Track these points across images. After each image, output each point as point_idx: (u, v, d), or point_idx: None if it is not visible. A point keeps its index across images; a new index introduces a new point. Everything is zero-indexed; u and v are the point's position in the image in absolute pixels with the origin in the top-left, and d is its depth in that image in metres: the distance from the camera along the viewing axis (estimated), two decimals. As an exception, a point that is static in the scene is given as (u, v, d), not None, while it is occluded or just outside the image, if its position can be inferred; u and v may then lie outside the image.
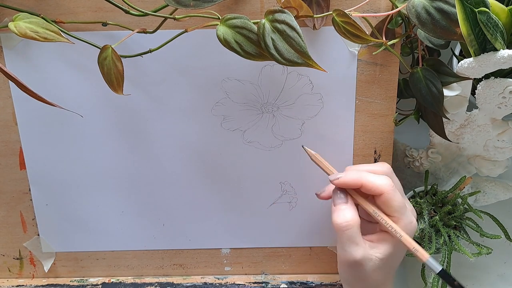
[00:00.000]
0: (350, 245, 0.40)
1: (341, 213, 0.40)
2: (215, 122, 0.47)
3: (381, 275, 0.41)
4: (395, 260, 0.43)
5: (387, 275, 0.43)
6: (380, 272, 0.41)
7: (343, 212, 0.40)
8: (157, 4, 0.42)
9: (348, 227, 0.39)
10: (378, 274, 0.41)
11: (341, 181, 0.41)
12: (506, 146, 0.48)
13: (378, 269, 0.41)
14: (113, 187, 0.49)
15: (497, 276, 0.58)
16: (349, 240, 0.40)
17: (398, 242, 0.40)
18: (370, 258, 0.40)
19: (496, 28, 0.38)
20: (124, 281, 0.53)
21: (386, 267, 0.41)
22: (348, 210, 0.40)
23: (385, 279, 0.42)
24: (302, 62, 0.38)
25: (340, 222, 0.40)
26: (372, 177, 0.40)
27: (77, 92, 0.46)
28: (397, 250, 0.41)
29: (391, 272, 0.43)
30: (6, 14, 0.43)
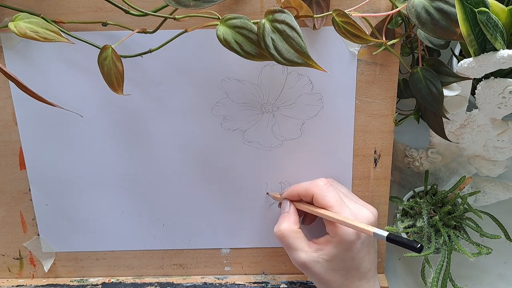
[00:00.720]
0: (291, 251, 0.44)
1: (278, 223, 0.46)
2: (215, 122, 0.47)
3: (336, 275, 0.43)
4: (346, 260, 0.43)
5: (344, 276, 0.43)
6: (333, 273, 0.43)
7: (280, 222, 0.45)
8: (157, 4, 0.42)
9: (281, 235, 0.44)
10: (332, 275, 0.43)
11: (284, 194, 0.47)
12: (506, 146, 0.48)
13: (329, 270, 0.43)
14: (113, 187, 0.49)
15: (497, 276, 0.58)
16: (287, 246, 0.45)
17: (340, 242, 0.42)
18: (316, 261, 0.43)
19: (496, 28, 0.38)
20: (124, 281, 0.53)
21: (337, 268, 0.43)
22: (285, 220, 0.45)
23: (344, 279, 0.44)
24: (302, 62, 0.38)
25: (275, 231, 0.45)
26: (304, 184, 0.45)
27: (77, 92, 0.46)
28: (343, 250, 0.42)
29: (349, 273, 0.44)
30: (6, 14, 0.43)
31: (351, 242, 0.42)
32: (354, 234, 0.42)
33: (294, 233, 0.44)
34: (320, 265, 0.43)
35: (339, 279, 0.43)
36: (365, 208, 0.44)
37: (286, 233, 0.44)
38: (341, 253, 0.43)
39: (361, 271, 0.44)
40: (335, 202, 0.43)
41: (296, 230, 0.44)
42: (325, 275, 0.43)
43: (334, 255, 0.43)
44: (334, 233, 0.42)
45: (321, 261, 0.43)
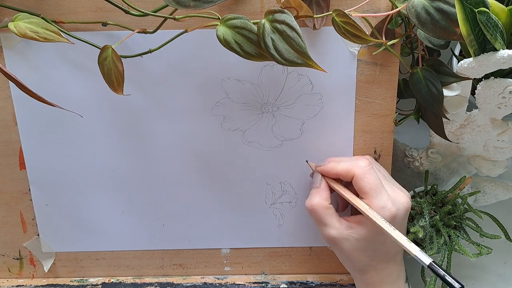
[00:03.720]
0: (321, 226, 0.44)
1: (310, 197, 0.45)
2: (215, 122, 0.47)
3: (363, 256, 0.43)
4: (378, 244, 0.43)
5: (371, 257, 0.43)
6: (361, 253, 0.43)
7: (312, 196, 0.45)
8: (157, 4, 0.42)
9: (312, 210, 0.44)
10: (360, 254, 0.43)
11: (320, 169, 0.46)
12: (506, 146, 0.48)
13: (357, 250, 0.43)
14: (113, 187, 0.49)
15: (497, 276, 0.58)
16: (318, 221, 0.44)
17: (374, 225, 0.41)
18: (346, 238, 0.43)
19: (496, 28, 0.38)
20: (124, 281, 0.53)
21: (366, 248, 0.43)
22: (316, 194, 0.44)
23: (371, 261, 0.43)
24: (302, 62, 0.38)
25: (306, 205, 0.45)
26: (345, 163, 0.44)
27: (77, 92, 0.46)
28: (374, 233, 0.42)
29: (378, 258, 0.43)
30: (6, 14, 0.43)
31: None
32: (388, 220, 0.41)
33: (325, 209, 0.43)
34: (350, 243, 0.43)
35: (367, 259, 0.43)
36: (402, 193, 0.44)
37: (316, 208, 0.44)
38: (373, 235, 0.42)
39: (391, 254, 0.44)
40: (374, 185, 0.42)
41: (327, 206, 0.44)
42: (352, 253, 0.43)
43: (365, 236, 0.42)
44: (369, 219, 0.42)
45: (351, 239, 0.43)
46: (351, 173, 0.43)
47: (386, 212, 0.41)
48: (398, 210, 0.42)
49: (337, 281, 0.52)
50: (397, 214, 0.42)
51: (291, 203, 0.50)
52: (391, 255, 0.44)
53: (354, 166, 0.43)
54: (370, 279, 0.44)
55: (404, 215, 0.43)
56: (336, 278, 0.52)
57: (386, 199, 0.42)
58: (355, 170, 0.42)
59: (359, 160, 0.43)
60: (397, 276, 0.45)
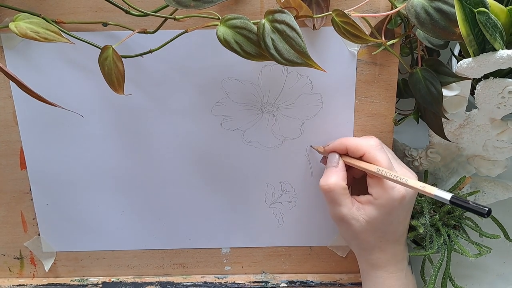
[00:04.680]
0: (334, 205, 0.44)
1: (326, 176, 0.44)
2: (215, 122, 0.47)
3: (371, 236, 0.43)
4: (385, 223, 0.43)
5: (380, 240, 0.44)
6: (369, 233, 0.43)
7: (328, 175, 0.44)
8: (157, 4, 0.42)
9: (328, 190, 0.43)
10: (368, 235, 0.43)
11: (330, 147, 0.45)
12: (505, 146, 0.48)
13: (366, 230, 0.43)
14: (113, 187, 0.50)
15: (496, 275, 0.58)
16: (331, 201, 0.44)
17: (383, 205, 0.42)
18: (356, 219, 0.43)
19: (495, 28, 0.38)
20: (124, 281, 0.53)
21: (375, 229, 0.43)
22: (333, 174, 0.44)
23: (378, 242, 0.44)
24: (302, 62, 0.38)
25: (322, 184, 0.44)
26: (356, 139, 0.44)
27: (78, 92, 0.46)
28: (383, 213, 0.42)
29: (385, 238, 0.44)
30: (6, 14, 0.43)
31: (393, 206, 0.42)
32: (398, 199, 0.41)
33: (342, 189, 0.43)
34: (359, 223, 0.43)
35: (374, 240, 0.44)
36: (410, 173, 0.44)
37: (334, 188, 0.43)
38: (381, 215, 0.42)
39: (397, 235, 0.44)
40: (385, 164, 0.42)
41: (344, 187, 0.43)
42: (361, 233, 0.43)
43: (374, 217, 0.42)
44: (378, 195, 0.42)
45: (361, 220, 0.43)
46: (362, 151, 0.43)
47: (395, 192, 0.41)
48: (407, 191, 0.42)
49: (337, 281, 0.52)
50: (406, 194, 0.42)
51: (291, 203, 0.50)
52: (397, 236, 0.44)
53: (365, 144, 0.43)
54: (376, 259, 0.45)
55: (412, 195, 0.43)
56: (336, 277, 0.53)
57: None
58: (366, 148, 0.42)
59: (370, 139, 0.43)
60: (402, 257, 0.45)
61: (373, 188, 0.43)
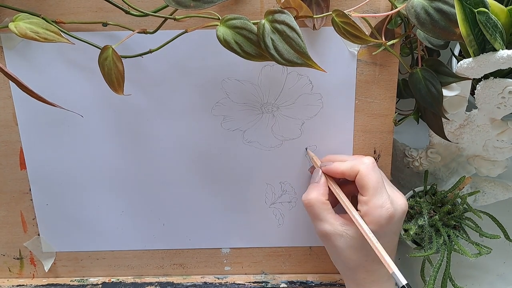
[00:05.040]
0: (316, 221, 0.44)
1: (307, 192, 0.45)
2: (215, 122, 0.47)
3: (356, 254, 0.43)
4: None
5: (364, 257, 0.43)
6: (354, 251, 0.43)
7: (309, 191, 0.45)
8: (157, 5, 0.42)
9: (309, 204, 0.44)
10: (353, 253, 0.43)
11: (326, 168, 0.45)
12: (506, 146, 0.48)
13: (351, 248, 0.43)
14: (113, 187, 0.50)
15: (496, 276, 0.58)
16: (313, 216, 0.45)
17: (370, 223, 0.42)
18: (340, 235, 0.43)
19: (495, 28, 0.38)
20: (124, 281, 0.53)
21: (359, 247, 0.43)
22: (314, 189, 0.45)
23: (363, 260, 0.43)
24: (302, 63, 0.38)
25: (303, 199, 0.45)
26: (349, 161, 0.44)
27: (78, 92, 0.46)
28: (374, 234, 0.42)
29: (370, 255, 0.43)
30: (6, 14, 0.43)
31: (380, 225, 0.41)
32: (386, 218, 0.41)
33: (322, 204, 0.44)
34: (344, 239, 0.43)
35: (359, 259, 0.43)
36: (400, 195, 0.44)
37: (313, 203, 0.44)
38: None
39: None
40: (376, 183, 0.42)
41: (324, 201, 0.44)
42: (345, 250, 0.43)
43: (359, 234, 0.42)
44: (366, 213, 0.42)
45: (345, 236, 0.43)
46: (356, 169, 0.43)
47: (384, 211, 0.41)
48: (396, 211, 0.42)
49: (336, 281, 0.52)
50: (395, 215, 0.42)
51: (291, 203, 0.50)
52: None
53: (359, 163, 0.43)
54: (361, 279, 0.44)
55: (400, 216, 0.43)
56: (336, 277, 0.53)
57: (385, 198, 0.42)
58: (360, 166, 0.43)
59: (363, 158, 0.44)
60: (388, 278, 0.45)
61: (362, 205, 0.42)
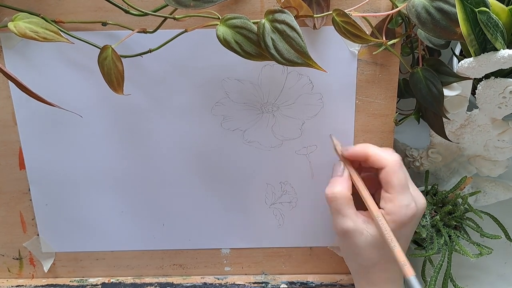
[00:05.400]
0: (337, 216, 0.43)
1: (331, 185, 0.43)
2: (215, 122, 0.47)
3: (375, 253, 0.42)
4: None
5: (382, 257, 0.42)
6: (373, 249, 0.42)
7: (333, 184, 0.43)
8: (157, 4, 0.42)
9: (333, 199, 0.42)
10: (372, 251, 0.42)
11: (350, 152, 0.43)
12: (506, 146, 0.48)
13: (370, 246, 0.42)
14: (113, 187, 0.49)
15: (497, 276, 0.58)
16: (336, 211, 0.43)
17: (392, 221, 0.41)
18: (361, 232, 0.42)
19: (496, 28, 0.38)
20: (124, 281, 0.53)
21: (380, 245, 0.42)
22: (338, 183, 0.43)
23: (380, 260, 0.43)
24: (302, 62, 0.38)
25: (327, 193, 0.43)
26: (378, 150, 0.42)
27: (77, 92, 0.46)
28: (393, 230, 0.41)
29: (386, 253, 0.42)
30: (5, 14, 0.43)
31: (404, 223, 0.41)
32: (410, 216, 0.41)
33: (347, 199, 0.42)
34: (364, 238, 0.41)
35: (376, 257, 0.42)
36: (420, 194, 0.43)
37: (339, 197, 0.42)
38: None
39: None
40: (404, 181, 0.41)
41: (349, 197, 0.42)
42: (364, 249, 0.42)
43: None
44: (390, 211, 0.41)
45: (366, 234, 0.41)
46: (382, 163, 0.41)
47: (409, 210, 0.41)
48: (418, 210, 0.42)
49: (337, 281, 0.52)
50: (417, 214, 0.41)
51: (291, 203, 0.50)
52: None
53: (387, 157, 0.41)
54: (376, 278, 0.44)
55: (420, 216, 0.43)
56: (336, 278, 0.52)
57: (411, 197, 0.41)
58: (387, 162, 0.41)
59: (392, 153, 0.42)
60: (400, 276, 0.45)
61: (387, 203, 0.41)
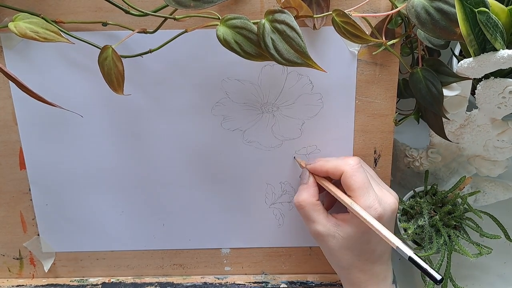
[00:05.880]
0: (308, 222, 0.45)
1: (298, 193, 0.45)
2: (215, 122, 0.47)
3: (349, 254, 0.43)
4: (362, 242, 0.43)
5: (357, 256, 0.43)
6: (346, 251, 0.43)
7: (299, 192, 0.45)
8: (157, 4, 0.42)
9: (300, 206, 0.45)
10: (345, 253, 0.43)
11: (310, 167, 0.46)
12: (506, 146, 0.48)
13: (343, 248, 0.43)
14: (113, 187, 0.49)
15: (497, 276, 0.58)
16: (305, 217, 0.45)
17: (360, 223, 0.41)
18: (333, 235, 0.43)
19: (495, 28, 0.38)
20: (124, 281, 0.53)
21: (352, 247, 0.43)
22: (304, 191, 0.45)
23: (356, 260, 0.43)
24: (302, 62, 0.38)
25: (294, 201, 0.45)
26: (335, 160, 0.44)
27: (77, 92, 0.46)
28: (360, 232, 0.42)
29: (363, 258, 0.43)
30: (6, 14, 0.43)
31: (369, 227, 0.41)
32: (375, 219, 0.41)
33: (313, 205, 0.44)
34: (336, 240, 0.43)
35: (351, 258, 0.43)
36: (389, 194, 0.44)
37: (304, 205, 0.44)
38: (358, 234, 0.42)
39: (376, 254, 0.44)
40: (362, 184, 0.42)
41: (315, 203, 0.44)
42: (338, 251, 0.43)
43: (351, 235, 0.42)
44: (353, 215, 0.42)
45: (338, 237, 0.43)
46: (340, 170, 0.43)
47: (372, 211, 0.41)
48: (385, 211, 0.42)
49: (337, 281, 0.52)
50: (384, 214, 0.42)
51: (291, 203, 0.50)
52: (377, 255, 0.44)
53: (343, 164, 0.43)
54: (356, 279, 0.44)
55: (391, 216, 0.43)
56: (336, 278, 0.52)
57: (373, 198, 0.42)
58: (345, 167, 0.43)
59: (348, 159, 0.44)
60: (384, 276, 0.45)
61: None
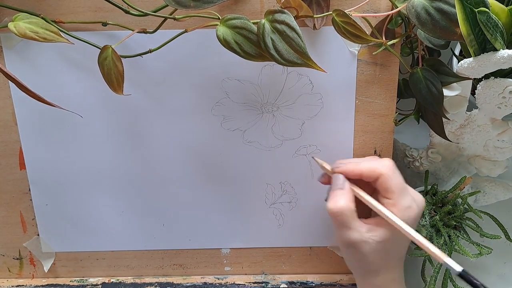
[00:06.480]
0: (343, 229, 0.41)
1: (334, 199, 0.41)
2: (215, 122, 0.47)
3: (380, 258, 0.42)
4: (395, 245, 0.42)
5: (388, 260, 0.43)
6: (379, 255, 0.42)
7: (336, 198, 0.41)
8: (157, 4, 0.42)
9: (339, 213, 0.41)
10: (377, 257, 0.42)
11: (341, 169, 0.42)
12: (506, 146, 0.48)
13: (376, 252, 0.41)
14: (113, 187, 0.49)
15: (497, 276, 0.58)
16: (341, 224, 0.41)
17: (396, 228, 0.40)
18: (366, 241, 0.41)
19: (496, 28, 0.38)
20: (124, 281, 0.53)
21: (385, 251, 0.42)
22: (342, 196, 0.41)
23: (385, 263, 0.43)
24: (302, 63, 0.38)
25: (331, 207, 0.41)
26: (368, 162, 0.42)
27: (77, 92, 0.46)
28: (396, 236, 0.41)
29: (392, 258, 0.43)
30: (6, 14, 0.43)
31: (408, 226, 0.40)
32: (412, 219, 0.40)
33: (352, 212, 0.41)
34: (370, 245, 0.41)
35: (381, 262, 0.42)
36: (417, 192, 0.43)
37: (344, 212, 0.41)
38: (393, 238, 0.41)
39: (402, 255, 0.44)
40: (401, 185, 0.41)
41: (354, 209, 0.41)
42: (370, 256, 0.41)
43: (387, 238, 0.41)
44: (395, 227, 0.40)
45: (371, 242, 0.41)
46: (377, 173, 0.41)
47: (411, 212, 0.41)
48: (419, 209, 0.42)
49: (337, 281, 0.52)
50: (419, 213, 0.42)
51: (291, 203, 0.50)
52: (401, 256, 0.44)
53: (380, 166, 0.41)
54: (381, 281, 0.43)
55: (420, 214, 0.43)
56: (336, 278, 0.52)
57: (411, 199, 0.41)
58: (382, 170, 0.41)
59: (382, 160, 0.42)
60: (402, 277, 0.45)
61: (389, 208, 0.41)
